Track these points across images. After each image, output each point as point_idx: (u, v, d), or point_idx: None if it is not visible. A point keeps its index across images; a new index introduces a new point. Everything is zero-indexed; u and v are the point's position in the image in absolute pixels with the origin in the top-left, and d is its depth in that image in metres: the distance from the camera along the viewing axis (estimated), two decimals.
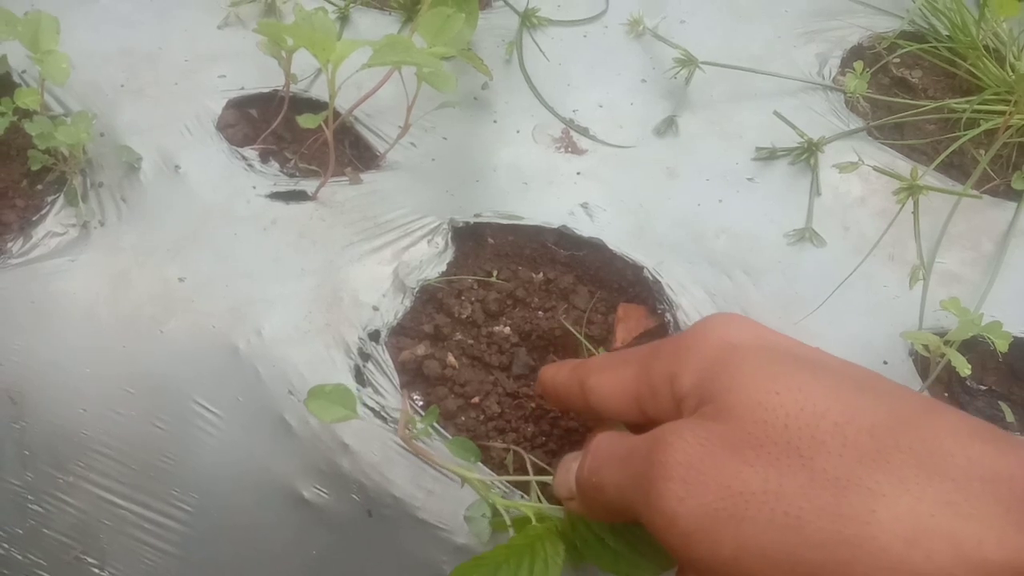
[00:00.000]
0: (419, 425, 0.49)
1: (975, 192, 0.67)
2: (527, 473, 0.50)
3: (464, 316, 0.58)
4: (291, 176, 0.65)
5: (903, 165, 0.68)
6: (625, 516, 0.39)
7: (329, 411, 0.46)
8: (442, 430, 0.53)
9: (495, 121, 0.70)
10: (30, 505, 0.56)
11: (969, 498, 0.30)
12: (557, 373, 0.48)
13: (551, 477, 0.46)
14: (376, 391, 0.54)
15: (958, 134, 0.70)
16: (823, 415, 0.33)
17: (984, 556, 0.29)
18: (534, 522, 0.45)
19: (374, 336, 0.56)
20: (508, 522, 0.46)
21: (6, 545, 0.58)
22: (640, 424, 0.42)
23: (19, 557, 0.58)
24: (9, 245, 0.60)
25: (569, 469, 0.43)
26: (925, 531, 0.30)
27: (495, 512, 0.47)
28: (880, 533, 0.30)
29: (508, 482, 0.51)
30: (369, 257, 0.60)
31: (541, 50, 0.75)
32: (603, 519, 0.42)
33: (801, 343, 0.39)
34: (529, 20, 0.76)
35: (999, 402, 0.59)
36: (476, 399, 0.55)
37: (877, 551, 0.30)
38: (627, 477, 0.38)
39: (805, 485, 0.32)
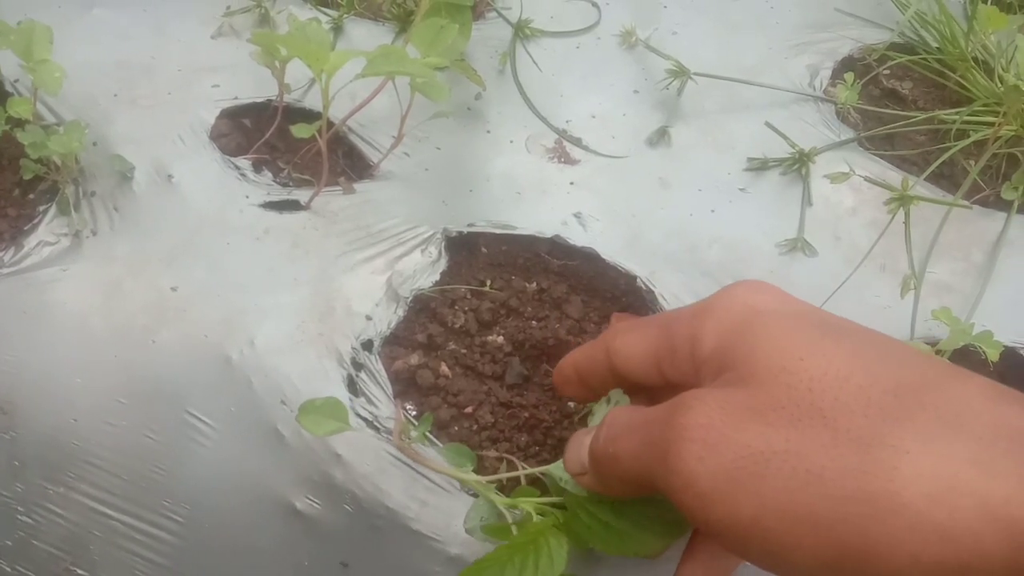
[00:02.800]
0: (414, 433, 0.49)
1: (965, 202, 0.67)
2: (520, 483, 0.49)
3: (457, 326, 0.58)
4: (284, 186, 0.65)
5: (894, 175, 0.68)
6: (640, 487, 0.38)
7: (322, 425, 0.46)
8: (435, 440, 0.53)
9: (488, 131, 0.71)
10: (20, 516, 0.56)
11: (996, 457, 0.29)
12: (580, 348, 0.48)
13: (558, 462, 0.46)
14: (369, 401, 0.54)
15: (948, 145, 0.70)
16: (847, 378, 0.33)
17: (1011, 514, 0.28)
18: (535, 518, 0.44)
19: (367, 346, 0.56)
20: (509, 520, 0.46)
21: None
22: (659, 389, 0.42)
23: (8, 569, 0.57)
24: (1, 254, 0.59)
25: (582, 444, 0.43)
26: (950, 488, 0.29)
27: (493, 515, 0.47)
28: (902, 489, 0.30)
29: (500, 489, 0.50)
30: (362, 267, 0.60)
31: (534, 61, 0.76)
32: (616, 492, 0.42)
33: (826, 311, 0.39)
34: (522, 31, 0.77)
35: None
36: (469, 409, 0.55)
37: (899, 507, 0.29)
38: (644, 444, 0.37)
39: (828, 444, 0.31)
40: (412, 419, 0.54)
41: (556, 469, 0.46)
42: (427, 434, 0.51)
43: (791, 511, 0.31)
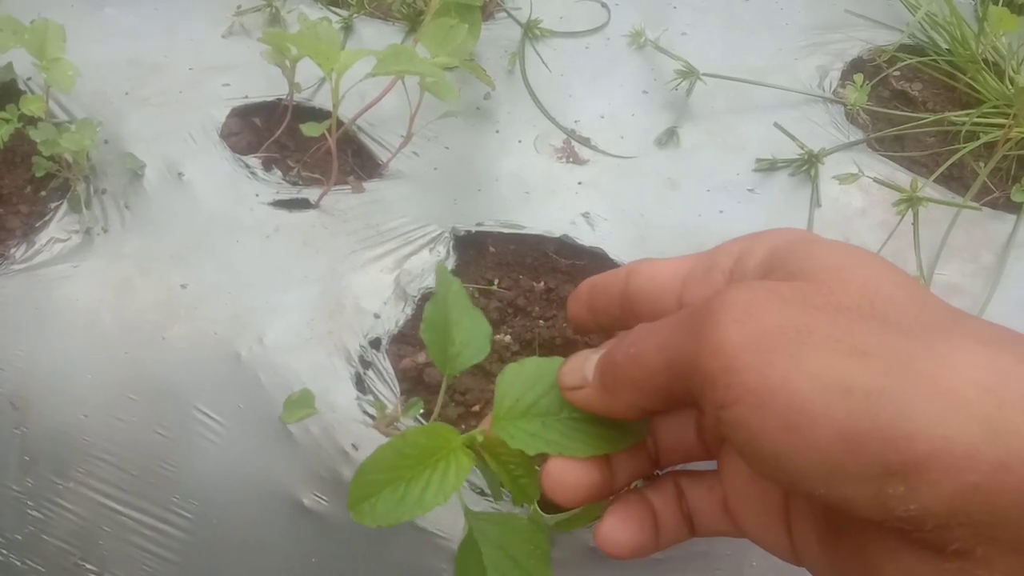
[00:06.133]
0: (401, 420, 0.49)
1: (975, 204, 0.67)
2: None
3: None
4: (294, 184, 0.65)
5: (903, 177, 0.68)
6: (653, 392, 0.36)
7: (293, 413, 0.51)
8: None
9: (497, 131, 0.71)
10: (30, 511, 0.56)
11: None
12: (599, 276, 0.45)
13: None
14: (377, 398, 0.54)
15: (958, 146, 0.70)
16: (902, 285, 0.32)
17: None
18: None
19: (375, 344, 0.57)
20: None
21: (5, 551, 0.57)
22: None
23: (18, 563, 0.58)
24: (12, 251, 0.60)
25: (587, 358, 0.40)
26: (1002, 383, 0.28)
27: None
28: (951, 373, 0.28)
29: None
30: (371, 265, 0.60)
31: (543, 61, 0.76)
32: (619, 404, 0.39)
33: None
34: (532, 31, 0.77)
35: None
36: (476, 407, 0.55)
37: (945, 389, 0.28)
38: (675, 331, 0.35)
39: (877, 329, 0.30)
40: (420, 419, 0.54)
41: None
42: (419, 418, 0.51)
43: (826, 378, 0.29)
